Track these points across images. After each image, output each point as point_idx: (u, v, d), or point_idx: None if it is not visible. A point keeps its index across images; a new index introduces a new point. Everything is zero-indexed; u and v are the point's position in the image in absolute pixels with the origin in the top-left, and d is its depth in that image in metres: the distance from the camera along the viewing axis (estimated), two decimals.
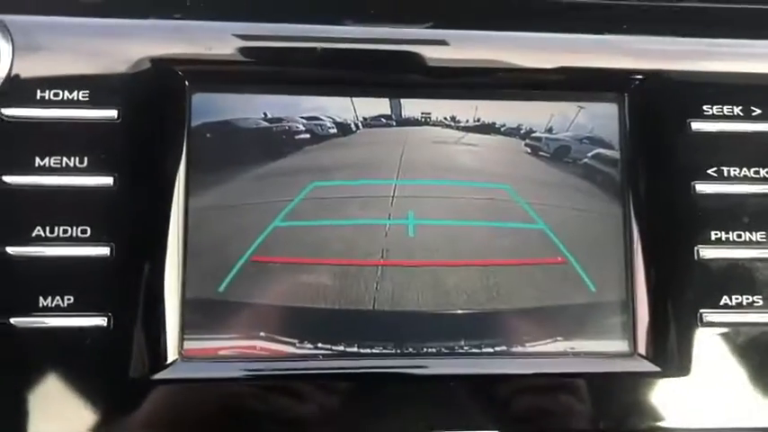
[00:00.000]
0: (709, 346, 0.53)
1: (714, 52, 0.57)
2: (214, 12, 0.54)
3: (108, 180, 0.50)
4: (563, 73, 0.56)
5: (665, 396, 0.53)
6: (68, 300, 0.49)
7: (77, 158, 0.50)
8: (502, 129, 0.55)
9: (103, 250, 0.49)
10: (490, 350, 0.53)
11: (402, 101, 0.55)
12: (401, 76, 0.55)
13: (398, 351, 0.52)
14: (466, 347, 0.53)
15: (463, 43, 0.55)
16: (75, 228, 0.49)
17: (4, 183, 0.49)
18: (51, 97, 0.50)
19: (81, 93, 0.50)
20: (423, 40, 0.55)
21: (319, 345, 0.52)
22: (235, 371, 0.50)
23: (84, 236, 0.49)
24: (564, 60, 0.56)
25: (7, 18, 0.51)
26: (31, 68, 0.50)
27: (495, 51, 0.55)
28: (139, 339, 0.49)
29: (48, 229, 0.49)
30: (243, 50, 0.53)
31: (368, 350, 0.52)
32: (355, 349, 0.52)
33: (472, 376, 0.52)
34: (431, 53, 0.55)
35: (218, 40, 0.53)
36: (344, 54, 0.54)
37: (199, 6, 0.54)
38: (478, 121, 0.55)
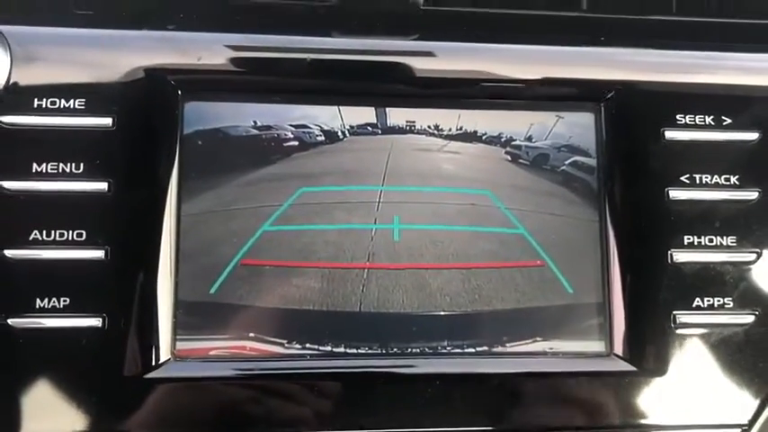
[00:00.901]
0: (682, 346, 0.55)
1: (687, 64, 0.60)
2: (206, 23, 0.56)
3: (103, 185, 0.51)
4: (542, 84, 0.58)
5: (641, 395, 0.55)
6: (64, 301, 0.50)
7: (73, 164, 0.51)
8: (483, 137, 0.57)
9: (98, 253, 0.51)
10: (472, 350, 0.55)
11: (387, 110, 0.57)
12: (386, 86, 0.57)
13: (384, 351, 0.54)
14: (449, 348, 0.55)
15: (446, 55, 0.57)
16: (71, 232, 0.51)
17: (2, 188, 0.51)
18: (48, 105, 0.52)
19: (77, 101, 0.52)
20: (407, 52, 0.57)
21: (307, 345, 0.53)
22: (225, 370, 0.52)
23: (80, 239, 0.51)
24: (542, 72, 0.58)
25: (5, 29, 0.52)
26: (28, 77, 0.52)
27: (477, 63, 0.57)
28: (133, 340, 0.51)
29: (44, 232, 0.51)
30: (233, 61, 0.55)
31: (354, 350, 0.54)
32: (342, 349, 0.54)
33: (455, 375, 0.54)
34: (415, 64, 0.57)
35: (210, 50, 0.55)
36: (332, 64, 0.56)
37: (191, 18, 0.56)
38: (461, 129, 0.57)
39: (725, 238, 0.57)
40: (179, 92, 0.54)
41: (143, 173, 0.52)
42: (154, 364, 0.51)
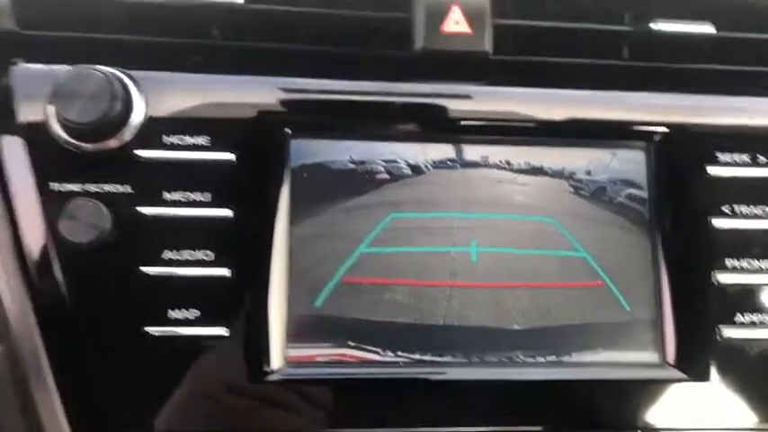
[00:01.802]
0: (727, 356, 0.62)
1: (727, 108, 0.66)
2: (309, 71, 0.63)
3: (227, 212, 0.59)
4: (599, 125, 0.65)
5: (692, 400, 0.62)
6: (195, 313, 0.57)
7: (200, 193, 0.59)
8: (548, 171, 0.65)
9: (224, 272, 0.58)
10: (543, 360, 0.62)
11: (464, 147, 0.64)
12: (464, 126, 0.64)
13: (466, 360, 0.61)
14: (522, 357, 0.62)
15: (515, 99, 0.65)
16: (199, 252, 0.58)
17: (140, 213, 0.58)
18: (178, 142, 0.59)
19: (202, 138, 0.59)
20: (482, 95, 0.64)
21: (399, 353, 0.60)
22: (331, 375, 0.59)
23: (208, 259, 0.58)
24: (600, 114, 0.65)
25: (139, 74, 0.60)
26: (161, 117, 0.59)
27: (543, 106, 0.64)
28: (252, 347, 0.58)
29: (176, 252, 0.58)
30: (332, 104, 0.62)
31: (439, 358, 0.61)
32: (429, 357, 0.61)
33: (527, 382, 0.61)
34: (490, 107, 0.64)
35: (313, 95, 0.62)
36: (417, 107, 0.64)
37: (294, 66, 0.63)
38: (528, 164, 0.65)
39: (763, 261, 0.64)
40: (287, 130, 0.61)
41: (260, 201, 0.59)
42: (270, 369, 0.58)
